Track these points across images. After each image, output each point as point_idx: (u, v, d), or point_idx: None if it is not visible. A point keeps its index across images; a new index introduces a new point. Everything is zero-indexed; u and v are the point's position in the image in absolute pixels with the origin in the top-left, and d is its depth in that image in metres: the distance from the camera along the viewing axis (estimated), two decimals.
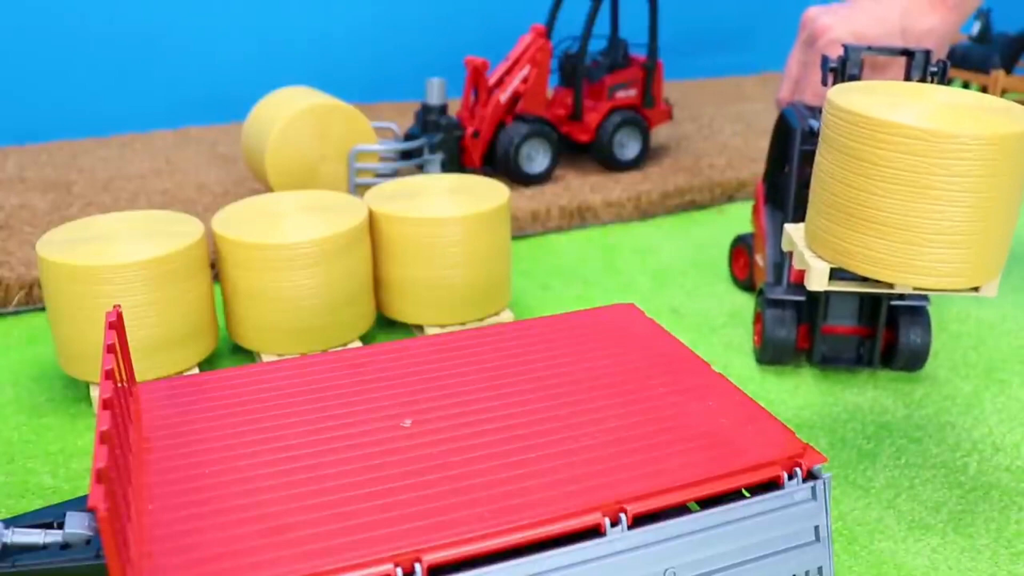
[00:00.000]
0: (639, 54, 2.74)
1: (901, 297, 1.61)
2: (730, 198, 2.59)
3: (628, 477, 0.96)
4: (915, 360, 1.61)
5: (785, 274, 1.67)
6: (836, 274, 1.18)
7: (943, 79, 1.46)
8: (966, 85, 3.57)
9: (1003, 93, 3.39)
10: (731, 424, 1.06)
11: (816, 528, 1.00)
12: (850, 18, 1.75)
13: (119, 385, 0.95)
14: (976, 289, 1.15)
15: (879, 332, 1.60)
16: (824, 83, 1.53)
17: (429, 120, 2.46)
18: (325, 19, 3.30)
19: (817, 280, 1.17)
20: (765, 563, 0.97)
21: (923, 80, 1.47)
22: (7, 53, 2.89)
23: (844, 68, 1.50)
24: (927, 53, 1.48)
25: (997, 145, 1.04)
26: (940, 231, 1.08)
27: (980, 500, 1.28)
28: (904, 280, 1.11)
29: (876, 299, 1.59)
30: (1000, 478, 1.33)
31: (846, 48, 1.48)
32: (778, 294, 1.62)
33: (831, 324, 1.62)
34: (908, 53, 1.48)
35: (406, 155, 2.44)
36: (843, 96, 1.15)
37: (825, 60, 1.51)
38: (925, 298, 1.62)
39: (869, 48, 1.49)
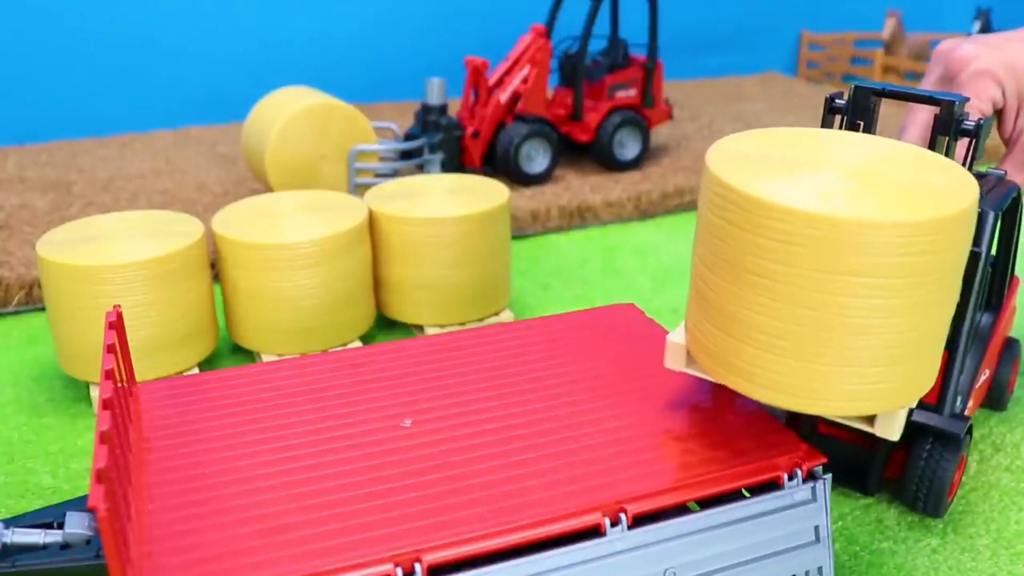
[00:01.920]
0: (639, 54, 2.74)
1: None
2: None
3: (628, 477, 0.96)
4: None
5: None
6: None
7: (977, 142, 1.13)
8: None
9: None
10: (731, 424, 1.06)
11: (816, 528, 1.00)
12: (1001, 47, 1.33)
13: (119, 385, 0.95)
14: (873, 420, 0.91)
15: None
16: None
17: (429, 120, 2.46)
18: (325, 19, 3.30)
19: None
20: (765, 563, 0.97)
21: (949, 138, 1.12)
22: (7, 53, 2.89)
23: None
24: (959, 103, 1.10)
25: (932, 234, 0.80)
26: (846, 348, 0.84)
27: (980, 500, 1.28)
28: (819, 410, 0.88)
29: None
30: (1000, 478, 1.33)
31: (854, 88, 1.16)
32: None
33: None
34: (934, 101, 1.12)
35: (406, 155, 2.44)
36: (721, 159, 0.89)
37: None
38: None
39: (884, 91, 1.14)
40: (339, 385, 1.14)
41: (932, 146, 1.09)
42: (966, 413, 1.25)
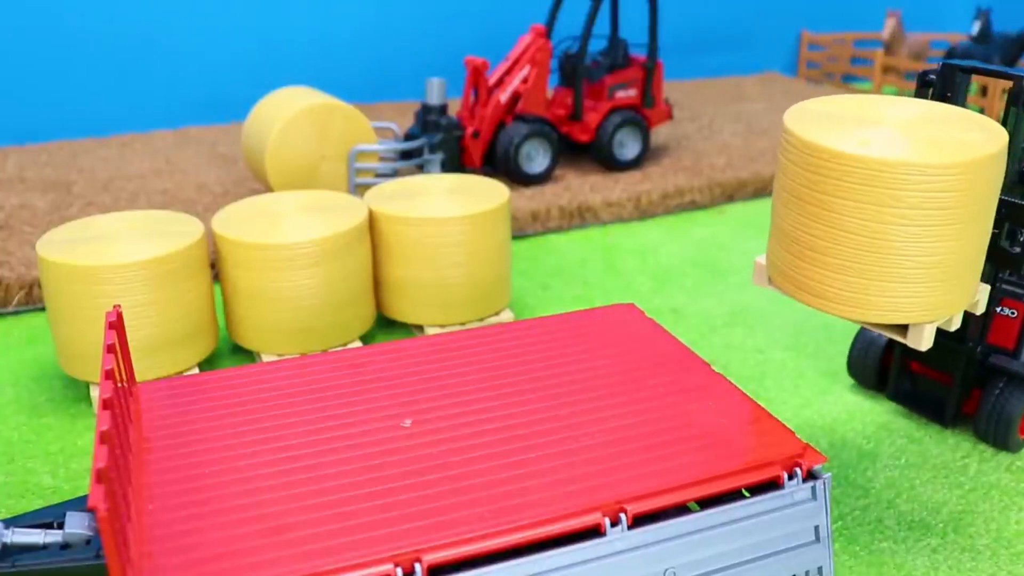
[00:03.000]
0: (639, 54, 2.74)
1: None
2: (730, 198, 2.59)
3: (628, 477, 0.96)
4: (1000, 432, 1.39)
5: None
6: None
7: None
8: None
9: (1003, 93, 3.39)
10: (731, 424, 1.06)
11: (816, 528, 1.00)
12: None
13: (119, 385, 0.95)
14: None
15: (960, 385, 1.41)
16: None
17: (429, 120, 2.46)
18: (325, 19, 3.30)
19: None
20: (765, 563, 0.97)
21: (1018, 109, 1.24)
22: (7, 53, 2.89)
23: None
24: None
25: (956, 174, 0.97)
26: (895, 265, 1.02)
27: (980, 500, 1.28)
28: (860, 317, 1.06)
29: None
30: (1000, 478, 1.33)
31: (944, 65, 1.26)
32: None
33: (921, 362, 1.46)
34: (1009, 76, 1.23)
35: (406, 155, 2.44)
36: (795, 116, 1.08)
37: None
38: None
39: (970, 67, 1.25)
40: (339, 385, 1.14)
41: (1005, 117, 1.24)
42: None
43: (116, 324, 1.04)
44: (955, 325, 1.11)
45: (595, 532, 0.90)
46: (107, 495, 0.73)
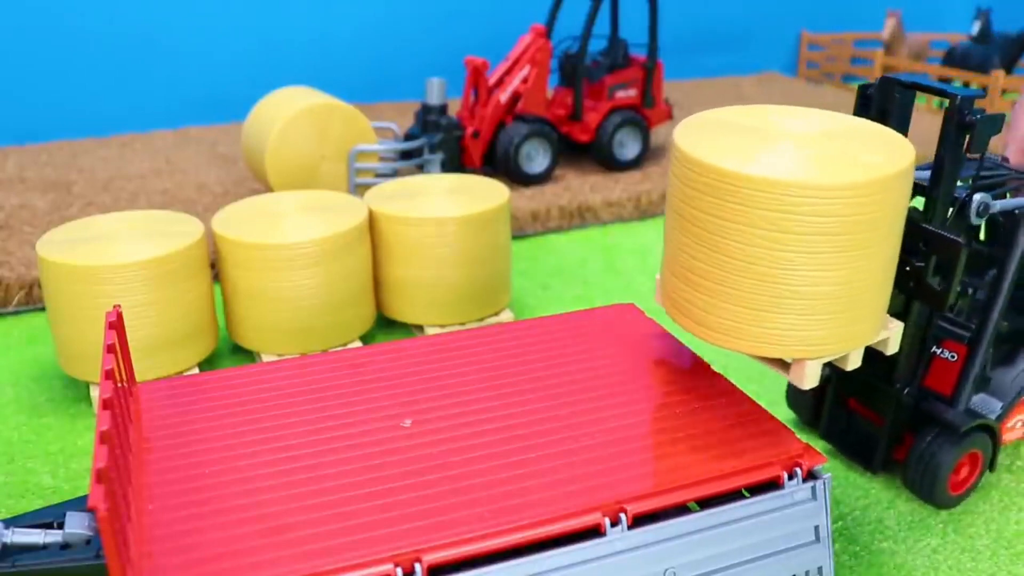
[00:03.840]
0: (639, 54, 2.74)
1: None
2: None
3: (628, 477, 0.96)
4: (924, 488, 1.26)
5: None
6: None
7: (972, 134, 1.10)
8: (966, 85, 3.57)
9: (1003, 93, 3.39)
10: (731, 424, 1.06)
11: (816, 528, 1.00)
12: None
13: (119, 385, 0.95)
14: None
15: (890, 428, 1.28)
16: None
17: (429, 120, 2.46)
18: (325, 19, 3.30)
19: None
20: (765, 563, 0.97)
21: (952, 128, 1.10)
22: (7, 53, 2.89)
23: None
24: (962, 97, 1.07)
25: (841, 197, 0.89)
26: (773, 294, 0.93)
27: (980, 500, 1.28)
28: (738, 348, 0.98)
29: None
30: (1000, 478, 1.33)
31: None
32: None
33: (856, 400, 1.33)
34: (945, 94, 1.09)
35: (406, 155, 2.44)
36: (688, 126, 1.00)
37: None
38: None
39: (908, 83, 1.14)
40: (339, 385, 1.14)
41: (940, 139, 1.11)
42: (1022, 432, 1.36)
43: (116, 324, 1.04)
44: (852, 364, 1.03)
45: (595, 532, 0.90)
46: (107, 495, 0.73)
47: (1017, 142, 1.33)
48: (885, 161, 0.93)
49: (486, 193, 1.73)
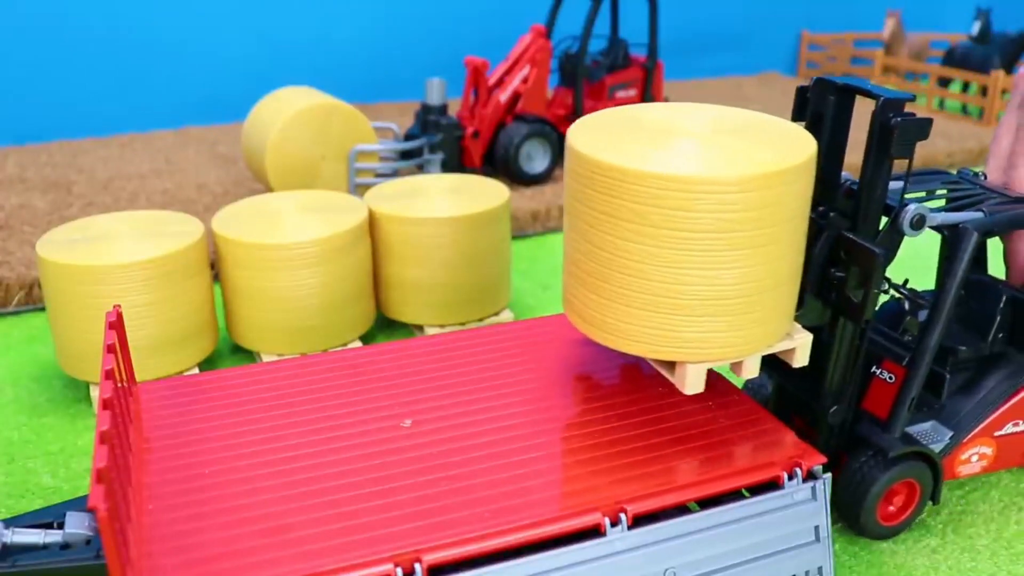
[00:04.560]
0: (639, 54, 2.74)
1: None
2: None
3: (628, 477, 0.96)
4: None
5: None
6: None
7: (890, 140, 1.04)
8: (966, 85, 3.57)
9: (1003, 93, 3.39)
10: (731, 424, 1.06)
11: (816, 528, 1.00)
12: None
13: (119, 385, 0.95)
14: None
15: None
16: None
17: (429, 120, 2.46)
18: (325, 19, 3.30)
19: None
20: (765, 563, 0.97)
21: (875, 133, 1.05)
22: (7, 53, 2.89)
23: None
24: (884, 99, 1.01)
25: (712, 191, 0.86)
26: (645, 291, 0.91)
27: (980, 500, 1.28)
28: (618, 346, 0.96)
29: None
30: (1000, 478, 1.33)
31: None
32: None
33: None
34: (872, 95, 1.03)
35: (406, 155, 2.44)
36: (585, 122, 0.99)
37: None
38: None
39: (839, 85, 1.07)
40: (339, 385, 1.14)
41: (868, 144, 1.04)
42: (980, 466, 1.25)
43: (116, 324, 1.04)
44: (749, 373, 0.99)
45: (595, 532, 0.90)
46: (107, 495, 0.73)
47: (997, 159, 1.28)
48: (776, 156, 0.90)
49: (486, 193, 1.73)
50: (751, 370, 0.99)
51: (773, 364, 1.10)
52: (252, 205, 1.67)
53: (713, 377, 1.16)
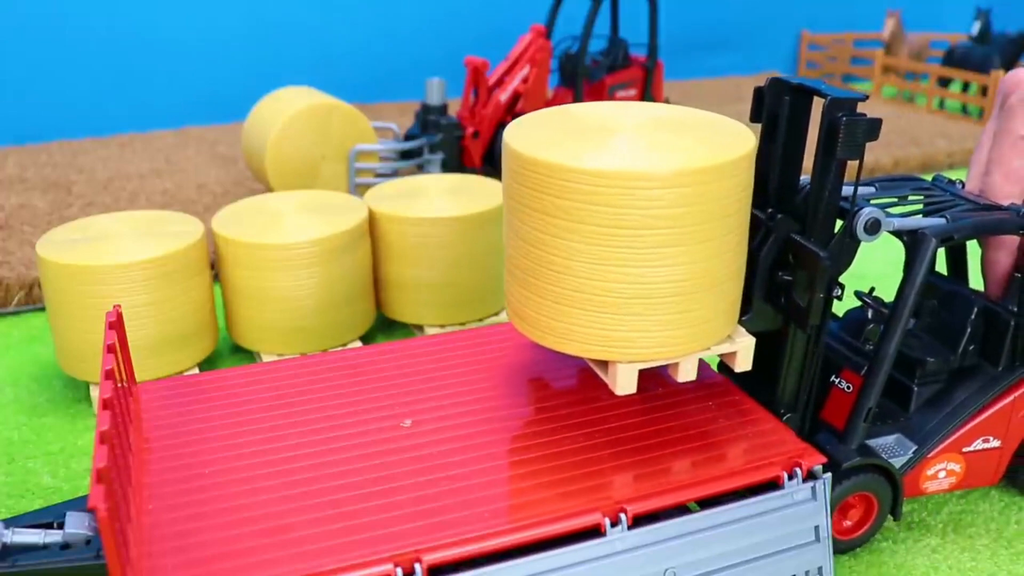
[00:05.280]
0: (639, 54, 2.74)
1: None
2: None
3: (628, 477, 0.96)
4: None
5: None
6: None
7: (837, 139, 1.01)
8: (966, 85, 3.57)
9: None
10: (731, 424, 1.06)
11: (816, 528, 1.00)
12: None
13: (119, 385, 0.95)
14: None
15: None
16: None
17: (429, 120, 2.46)
18: (325, 19, 3.30)
19: None
20: (765, 563, 0.97)
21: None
22: (7, 53, 2.89)
23: None
24: (832, 97, 0.99)
25: (634, 185, 0.85)
26: (572, 287, 0.91)
27: (980, 500, 1.28)
28: (584, 353, 0.95)
29: None
30: (980, 487, 1.33)
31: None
32: None
33: None
34: (822, 94, 1.00)
35: (406, 155, 2.44)
36: (514, 127, 0.99)
37: None
38: None
39: (793, 84, 1.05)
40: (339, 385, 1.14)
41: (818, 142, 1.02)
42: (948, 483, 1.20)
43: (116, 324, 1.04)
44: (686, 375, 0.98)
45: (595, 532, 0.90)
46: (107, 495, 0.73)
47: (976, 166, 1.26)
48: (708, 152, 0.89)
49: (486, 193, 1.73)
50: (688, 373, 0.98)
51: (727, 367, 1.08)
52: (252, 205, 1.67)
53: (713, 377, 1.16)
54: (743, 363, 1.01)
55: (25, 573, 0.93)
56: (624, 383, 0.94)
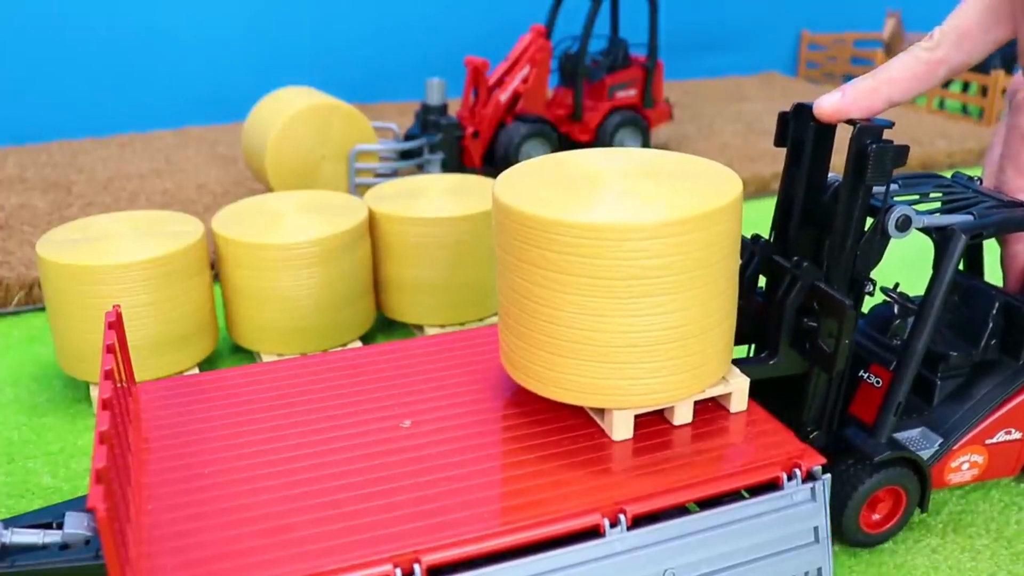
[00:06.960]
0: (639, 54, 2.74)
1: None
2: None
3: (628, 477, 0.96)
4: None
5: None
6: None
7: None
8: (966, 85, 3.57)
9: (1003, 93, 3.39)
10: (730, 425, 1.06)
11: (816, 529, 1.00)
12: None
13: (119, 385, 0.95)
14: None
15: None
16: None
17: (429, 120, 2.46)
18: (325, 19, 3.30)
19: None
20: (765, 564, 0.96)
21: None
22: (7, 53, 2.89)
23: None
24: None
25: (609, 239, 0.88)
26: (558, 336, 0.93)
27: (980, 500, 1.28)
28: (580, 401, 0.97)
29: None
30: (1000, 479, 1.33)
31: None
32: None
33: None
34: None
35: (406, 155, 2.44)
36: (503, 180, 1.00)
37: None
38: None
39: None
40: (339, 385, 1.14)
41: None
42: (971, 475, 1.22)
43: (116, 324, 1.04)
44: (681, 419, 1.02)
45: (595, 533, 0.90)
46: (106, 495, 0.73)
47: (990, 164, 1.28)
48: (693, 201, 0.90)
49: (486, 193, 1.73)
50: (683, 416, 1.01)
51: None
52: (252, 205, 1.67)
53: None
54: (738, 404, 1.06)
55: (24, 573, 0.93)
56: (620, 430, 0.99)
